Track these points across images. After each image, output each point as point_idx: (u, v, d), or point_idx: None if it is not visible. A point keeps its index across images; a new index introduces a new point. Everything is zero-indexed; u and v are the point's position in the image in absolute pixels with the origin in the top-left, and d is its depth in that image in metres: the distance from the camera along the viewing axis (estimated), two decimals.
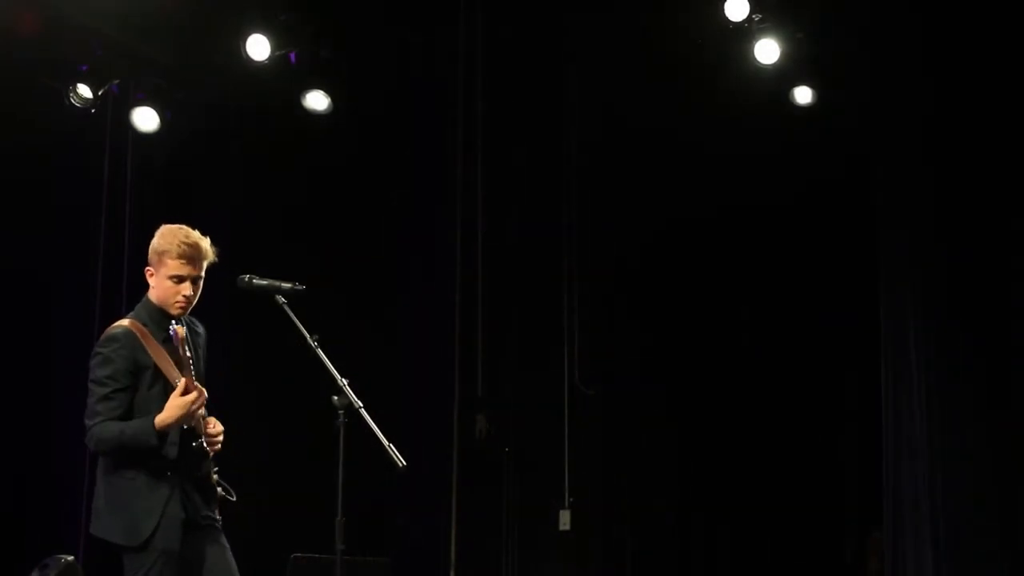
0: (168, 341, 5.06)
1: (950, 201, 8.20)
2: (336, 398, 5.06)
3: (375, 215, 9.91)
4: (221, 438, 5.20)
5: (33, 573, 7.10)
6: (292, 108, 9.02)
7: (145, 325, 5.08)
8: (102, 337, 5.08)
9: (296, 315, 5.16)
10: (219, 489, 5.20)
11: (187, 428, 5.01)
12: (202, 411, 5.10)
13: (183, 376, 4.95)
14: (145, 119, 8.95)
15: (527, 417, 9.79)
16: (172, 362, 5.03)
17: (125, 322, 5.11)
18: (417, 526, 9.56)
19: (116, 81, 8.94)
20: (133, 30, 8.57)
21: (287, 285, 5.24)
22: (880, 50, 8.49)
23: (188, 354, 5.00)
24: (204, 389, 5.00)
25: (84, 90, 8.79)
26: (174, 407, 4.90)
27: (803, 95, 8.80)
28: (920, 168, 8.31)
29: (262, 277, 5.28)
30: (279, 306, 5.19)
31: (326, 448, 5.17)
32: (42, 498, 8.75)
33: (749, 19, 8.44)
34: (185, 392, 4.91)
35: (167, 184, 9.21)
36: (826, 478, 10.41)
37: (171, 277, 5.08)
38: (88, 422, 4.97)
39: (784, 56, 8.56)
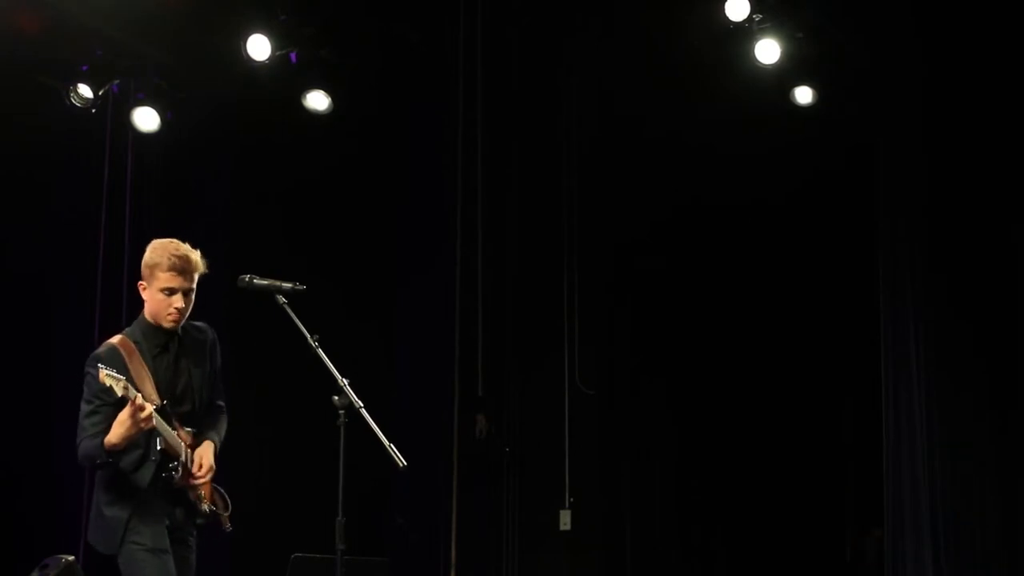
0: (158, 357, 5.14)
1: (951, 199, 8.21)
2: (336, 398, 5.06)
3: (375, 215, 9.91)
4: (205, 478, 5.20)
5: (33, 573, 7.09)
6: (292, 108, 9.02)
7: (137, 343, 5.13)
8: (92, 355, 5.12)
9: (296, 315, 5.17)
10: (205, 507, 5.22)
11: (161, 448, 5.02)
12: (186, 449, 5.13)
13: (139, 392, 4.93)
14: (145, 119, 8.94)
15: (527, 417, 9.79)
16: (152, 382, 5.07)
17: (116, 339, 5.17)
18: (417, 526, 9.56)
19: (116, 81, 8.93)
20: (133, 30, 8.57)
21: (287, 285, 5.25)
22: (880, 50, 8.50)
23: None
24: (155, 403, 4.96)
25: (84, 90, 8.78)
26: (116, 424, 4.90)
27: (803, 95, 8.80)
28: (922, 166, 8.32)
29: (262, 277, 5.29)
30: (279, 306, 5.20)
31: (326, 448, 5.18)
32: (42, 498, 8.74)
33: (749, 19, 8.43)
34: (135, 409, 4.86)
35: (167, 184, 9.21)
36: (826, 477, 10.41)
37: (162, 290, 5.12)
38: (77, 440, 5.04)
39: (784, 56, 8.56)
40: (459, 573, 9.43)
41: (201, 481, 5.18)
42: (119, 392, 4.80)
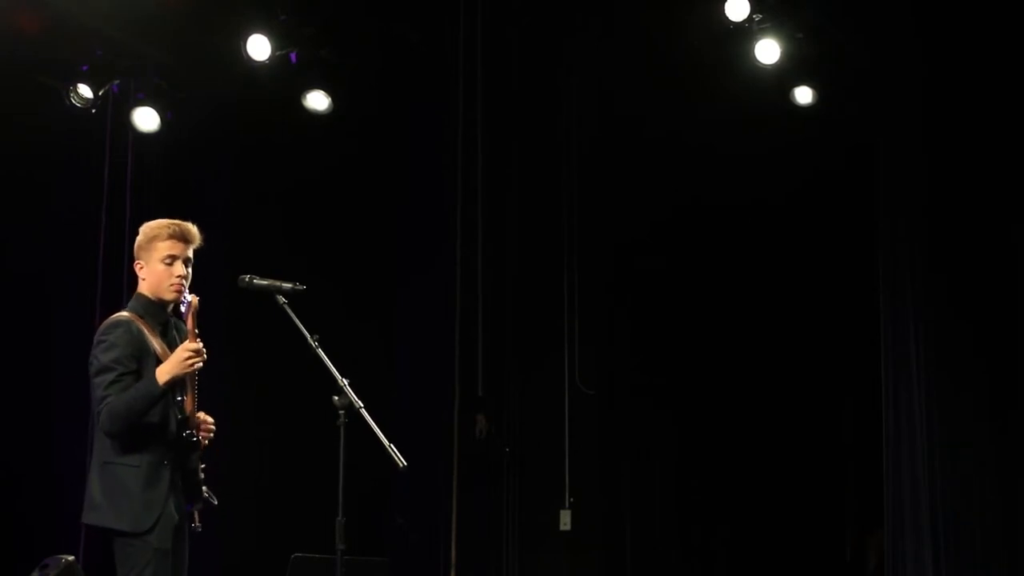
0: (165, 334, 5.16)
1: (951, 199, 8.21)
2: (336, 398, 5.07)
3: (375, 215, 9.91)
4: (213, 428, 5.24)
5: (33, 573, 7.09)
6: (292, 108, 9.02)
7: (141, 318, 5.13)
8: (103, 325, 5.12)
9: (296, 315, 5.17)
10: (203, 489, 5.22)
11: (180, 418, 5.03)
12: (199, 418, 5.13)
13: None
14: (145, 119, 8.94)
15: (527, 417, 9.79)
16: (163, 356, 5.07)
17: (124, 314, 5.16)
18: (417, 526, 9.56)
19: (116, 81, 8.94)
20: (133, 30, 8.57)
21: (287, 285, 5.26)
22: (880, 50, 8.50)
23: (196, 329, 5.03)
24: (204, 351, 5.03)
25: (84, 90, 8.78)
26: (173, 357, 4.97)
27: (803, 95, 8.80)
28: (922, 166, 8.32)
29: (262, 277, 5.30)
30: (279, 306, 5.20)
31: (326, 448, 5.18)
32: (42, 498, 8.74)
33: (749, 19, 8.43)
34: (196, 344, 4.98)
35: (167, 184, 9.21)
36: (826, 477, 10.41)
37: (163, 259, 5.13)
38: (97, 408, 5.00)
39: (784, 56, 8.56)
40: (459, 573, 9.43)
41: (210, 431, 5.20)
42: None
